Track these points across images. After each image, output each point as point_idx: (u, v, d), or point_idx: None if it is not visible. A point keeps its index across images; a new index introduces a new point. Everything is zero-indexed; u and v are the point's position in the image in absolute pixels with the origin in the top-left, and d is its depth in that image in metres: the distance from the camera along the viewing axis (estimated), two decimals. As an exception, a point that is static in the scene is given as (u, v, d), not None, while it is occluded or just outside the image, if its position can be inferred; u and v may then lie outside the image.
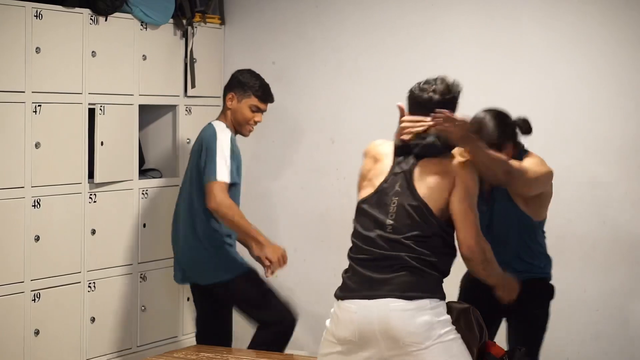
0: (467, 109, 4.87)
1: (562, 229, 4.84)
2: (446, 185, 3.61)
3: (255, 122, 4.96)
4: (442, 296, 3.57)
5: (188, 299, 5.68)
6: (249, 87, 4.96)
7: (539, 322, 4.20)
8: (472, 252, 3.61)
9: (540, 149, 4.88)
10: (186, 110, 5.70)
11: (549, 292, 4.24)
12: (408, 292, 3.51)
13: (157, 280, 5.58)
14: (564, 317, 4.83)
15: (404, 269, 3.55)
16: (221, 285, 4.84)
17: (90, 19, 5.12)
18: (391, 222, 3.61)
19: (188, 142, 5.59)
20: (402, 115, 3.75)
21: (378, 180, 3.70)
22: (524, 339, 4.16)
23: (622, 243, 4.74)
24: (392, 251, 3.58)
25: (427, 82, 3.77)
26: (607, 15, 4.75)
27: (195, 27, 5.73)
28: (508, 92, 5.01)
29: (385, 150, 3.76)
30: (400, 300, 3.50)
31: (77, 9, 5.06)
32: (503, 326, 4.28)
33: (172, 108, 5.71)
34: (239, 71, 5.03)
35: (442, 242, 3.61)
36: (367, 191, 3.71)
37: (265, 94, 4.97)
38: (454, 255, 3.65)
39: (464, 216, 3.61)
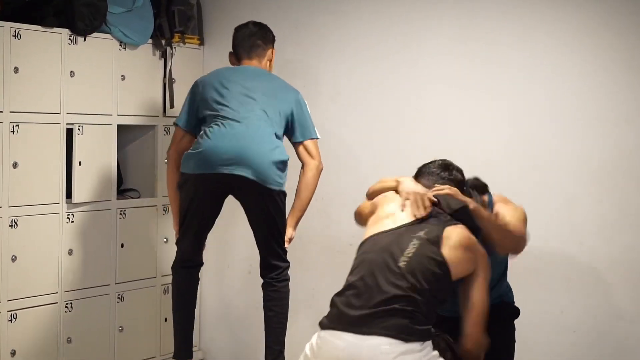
0: (446, 130, 4.92)
1: (538, 250, 4.85)
2: (470, 265, 3.65)
3: None
4: (430, 337, 3.55)
5: (166, 320, 5.67)
6: (273, 41, 5.08)
7: (497, 343, 4.18)
8: (477, 348, 3.64)
9: (517, 172, 4.92)
10: (165, 130, 5.70)
11: (508, 312, 4.22)
12: (401, 334, 3.45)
13: (135, 301, 5.56)
14: (541, 338, 4.84)
15: (401, 313, 3.48)
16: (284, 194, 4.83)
17: (69, 39, 5.12)
18: (404, 263, 3.57)
19: (166, 162, 5.58)
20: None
21: (400, 219, 3.74)
22: None
23: (599, 264, 4.75)
24: (394, 291, 3.51)
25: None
26: (580, 39, 4.78)
27: (174, 48, 5.74)
28: (484, 114, 5.04)
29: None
30: (392, 340, 3.43)
31: (56, 29, 5.06)
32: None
33: (151, 128, 5.70)
34: (264, 25, 5.07)
35: (438, 303, 3.62)
36: (387, 224, 3.74)
37: None
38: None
39: (483, 310, 3.65)
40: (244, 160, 4.66)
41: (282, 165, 4.75)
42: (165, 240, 5.69)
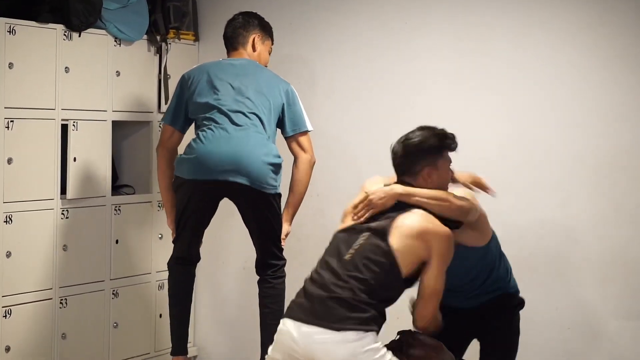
0: (442, 127, 4.91)
1: (534, 247, 4.86)
2: (422, 252, 3.65)
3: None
4: (371, 328, 3.56)
5: (161, 316, 5.66)
6: (268, 29, 5.06)
7: (502, 335, 4.18)
8: (426, 326, 3.77)
9: (513, 169, 4.93)
10: (160, 126, 5.69)
11: (512, 302, 4.22)
12: (335, 324, 3.52)
13: (130, 297, 5.56)
14: (536, 335, 4.84)
15: (335, 302, 3.56)
16: (279, 196, 4.82)
17: (64, 34, 5.11)
18: (350, 255, 3.65)
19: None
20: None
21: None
22: (491, 355, 4.16)
23: (594, 261, 4.76)
24: (332, 281, 3.61)
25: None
26: (577, 36, 4.78)
27: (169, 44, 5.73)
28: (480, 111, 5.04)
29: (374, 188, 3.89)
30: (326, 330, 3.52)
31: (51, 25, 5.05)
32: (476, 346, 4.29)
33: (146, 124, 5.70)
34: (251, 13, 5.06)
35: (386, 295, 3.65)
36: (346, 223, 3.83)
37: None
38: (392, 303, 3.71)
39: (432, 294, 3.70)
40: (239, 166, 4.64)
41: (276, 168, 4.75)
42: (160, 236, 5.68)
